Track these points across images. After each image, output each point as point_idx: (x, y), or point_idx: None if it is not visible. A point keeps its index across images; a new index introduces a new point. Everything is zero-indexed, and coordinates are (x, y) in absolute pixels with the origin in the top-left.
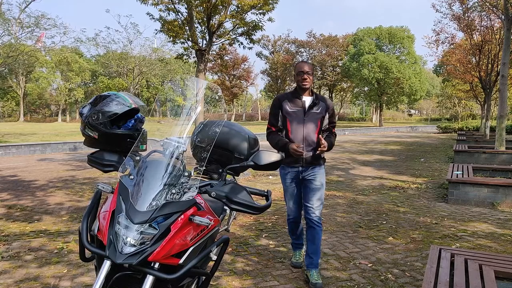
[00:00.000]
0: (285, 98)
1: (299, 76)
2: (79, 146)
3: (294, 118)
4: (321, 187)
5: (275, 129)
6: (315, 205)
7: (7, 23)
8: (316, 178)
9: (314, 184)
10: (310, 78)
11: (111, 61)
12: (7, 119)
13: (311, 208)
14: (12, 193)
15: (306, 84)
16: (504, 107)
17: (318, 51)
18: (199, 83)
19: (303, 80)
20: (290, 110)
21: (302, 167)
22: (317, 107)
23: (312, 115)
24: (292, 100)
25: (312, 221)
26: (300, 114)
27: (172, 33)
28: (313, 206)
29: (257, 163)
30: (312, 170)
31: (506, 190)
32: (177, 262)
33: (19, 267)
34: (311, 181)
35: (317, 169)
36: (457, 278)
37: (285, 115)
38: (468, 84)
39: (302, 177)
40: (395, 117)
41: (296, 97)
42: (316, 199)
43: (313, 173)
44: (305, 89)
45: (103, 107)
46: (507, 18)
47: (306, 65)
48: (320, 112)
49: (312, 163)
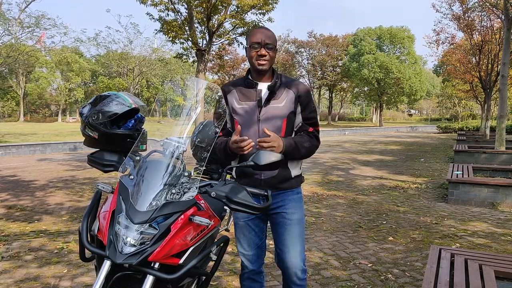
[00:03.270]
0: (232, 88)
1: (253, 50)
2: (79, 146)
3: (244, 118)
4: (297, 223)
5: (222, 133)
6: (292, 250)
7: (7, 23)
8: (286, 208)
9: (286, 218)
10: (271, 55)
11: (111, 61)
12: (7, 119)
13: (289, 259)
14: (12, 193)
15: (264, 64)
16: (504, 107)
17: (318, 51)
18: (199, 83)
19: (260, 57)
20: (238, 106)
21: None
22: (279, 98)
23: (271, 111)
24: (242, 91)
25: (290, 276)
26: (253, 111)
27: (171, 33)
28: (291, 255)
29: (257, 163)
30: (279, 198)
31: (506, 190)
32: (177, 262)
33: (19, 267)
34: (279, 214)
35: (287, 195)
36: (457, 278)
37: (231, 114)
38: (468, 84)
39: None
40: (395, 117)
41: (248, 85)
42: (292, 242)
43: (282, 202)
44: (261, 72)
45: (103, 107)
46: (507, 18)
47: (265, 34)
48: (285, 105)
49: (278, 187)
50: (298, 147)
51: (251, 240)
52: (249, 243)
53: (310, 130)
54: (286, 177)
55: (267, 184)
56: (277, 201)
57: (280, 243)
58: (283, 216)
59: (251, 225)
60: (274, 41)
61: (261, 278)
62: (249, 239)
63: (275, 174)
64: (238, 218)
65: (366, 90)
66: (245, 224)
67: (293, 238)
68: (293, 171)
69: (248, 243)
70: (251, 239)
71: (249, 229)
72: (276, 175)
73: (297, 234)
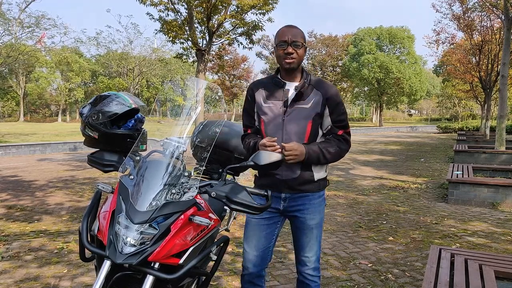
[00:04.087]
0: (261, 86)
1: (280, 48)
2: (79, 146)
3: (270, 117)
4: (315, 227)
5: (251, 130)
6: (309, 254)
7: (7, 23)
8: (305, 213)
9: (305, 223)
10: (299, 53)
11: (111, 61)
12: (7, 119)
13: (304, 259)
14: (12, 193)
15: (291, 62)
16: (504, 107)
17: (318, 51)
18: (199, 83)
19: (286, 55)
20: (264, 105)
21: (285, 194)
22: (306, 99)
23: (297, 112)
24: (270, 89)
25: (305, 276)
26: (278, 111)
27: (171, 33)
28: (307, 255)
29: (257, 163)
30: (300, 201)
31: (506, 190)
32: (177, 262)
33: (19, 267)
34: (298, 218)
35: (308, 199)
36: (457, 278)
37: (258, 112)
38: (468, 84)
39: (284, 210)
40: (395, 117)
41: (276, 84)
42: (309, 246)
43: (302, 205)
44: (289, 70)
45: (103, 107)
46: (507, 18)
47: (291, 32)
48: (311, 107)
49: (298, 189)
50: (323, 153)
51: (259, 240)
52: (256, 244)
53: (340, 133)
54: (308, 180)
55: (287, 185)
56: (297, 204)
57: (297, 244)
58: (302, 222)
59: (263, 224)
60: (302, 39)
61: (261, 281)
62: (258, 239)
63: (297, 175)
64: (251, 215)
65: (366, 90)
66: (257, 222)
67: (310, 241)
68: (317, 174)
69: (256, 243)
70: (259, 240)
71: (260, 228)
72: (298, 176)
73: (314, 238)
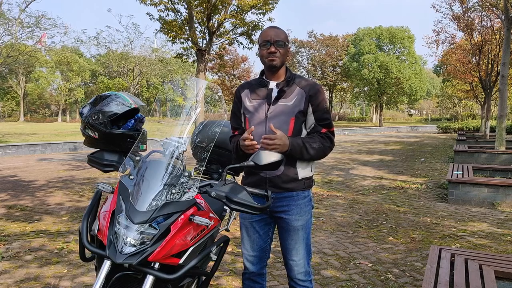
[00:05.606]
0: (247, 86)
1: (264, 48)
2: (79, 146)
3: (254, 115)
4: (301, 229)
5: (238, 132)
6: (296, 258)
7: (7, 23)
8: (290, 214)
9: (289, 224)
10: (281, 52)
11: (112, 61)
12: (7, 119)
13: (291, 263)
14: (12, 193)
15: (274, 60)
16: (504, 107)
17: (318, 51)
18: (199, 83)
19: (269, 55)
20: (249, 104)
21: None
22: (289, 96)
23: (280, 109)
24: (255, 89)
25: (295, 282)
26: (261, 108)
27: (171, 33)
28: (294, 259)
29: (257, 163)
30: (284, 201)
31: (506, 190)
32: (177, 262)
33: (19, 267)
34: (283, 220)
35: (293, 200)
36: (457, 278)
37: (244, 112)
38: (468, 84)
39: (270, 210)
40: (395, 117)
41: (260, 83)
42: (296, 249)
43: (287, 206)
44: (273, 68)
45: (103, 107)
46: (507, 18)
47: (274, 32)
48: (294, 104)
49: (282, 187)
50: (306, 147)
51: (254, 241)
52: (252, 245)
53: (323, 131)
54: (292, 178)
55: (271, 183)
56: (282, 204)
57: (283, 246)
58: (287, 223)
59: (255, 226)
60: (284, 39)
61: (262, 279)
62: (253, 240)
63: (280, 173)
64: (244, 218)
65: (366, 90)
66: (250, 225)
67: (296, 243)
68: (301, 173)
69: (251, 245)
70: (254, 241)
71: (253, 230)
72: (281, 174)
73: (301, 240)
